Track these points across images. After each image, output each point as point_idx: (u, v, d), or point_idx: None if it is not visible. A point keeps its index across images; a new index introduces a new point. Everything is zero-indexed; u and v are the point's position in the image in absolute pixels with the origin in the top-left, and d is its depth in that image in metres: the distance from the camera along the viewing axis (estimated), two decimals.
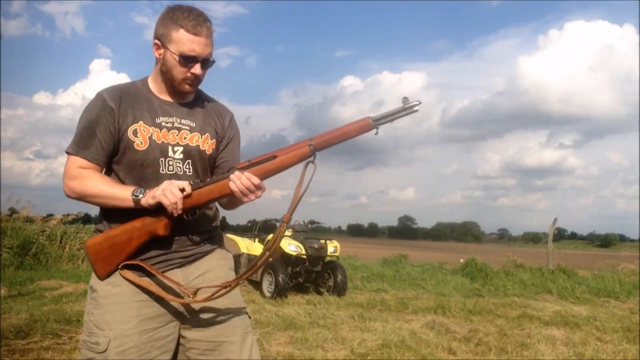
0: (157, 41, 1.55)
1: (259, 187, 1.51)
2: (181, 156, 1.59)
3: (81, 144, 1.55)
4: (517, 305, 6.79)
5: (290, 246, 7.09)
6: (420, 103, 1.49)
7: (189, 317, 1.59)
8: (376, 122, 1.53)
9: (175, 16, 1.52)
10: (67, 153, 1.57)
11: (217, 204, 1.71)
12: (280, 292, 6.63)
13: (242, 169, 1.51)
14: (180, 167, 1.59)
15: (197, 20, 1.52)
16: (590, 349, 4.48)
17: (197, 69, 1.54)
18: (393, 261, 12.40)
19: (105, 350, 1.47)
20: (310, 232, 7.93)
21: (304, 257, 7.11)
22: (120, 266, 1.54)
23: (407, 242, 61.20)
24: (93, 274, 1.60)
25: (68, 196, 1.55)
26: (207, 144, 1.63)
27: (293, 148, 1.53)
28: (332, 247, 7.42)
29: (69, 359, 3.64)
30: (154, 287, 1.55)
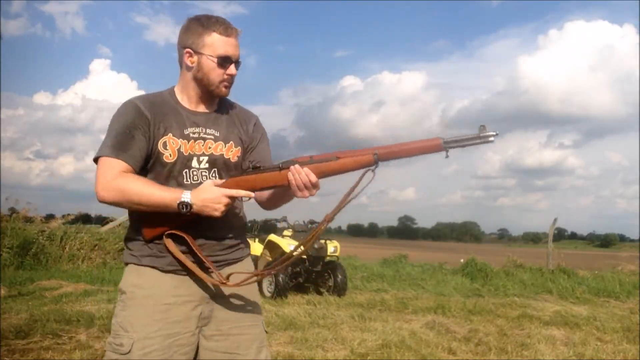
0: (188, 50, 1.58)
1: (315, 185, 1.51)
2: (206, 166, 1.61)
3: (119, 147, 1.51)
4: (517, 305, 6.78)
5: (291, 246, 7.08)
6: (497, 134, 1.44)
7: (209, 325, 1.60)
8: (447, 145, 1.47)
9: (205, 23, 1.57)
10: (102, 156, 1.51)
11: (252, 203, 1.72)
12: (280, 292, 6.63)
13: (303, 164, 1.51)
14: (206, 176, 1.60)
15: (227, 24, 1.58)
16: (590, 349, 4.48)
17: (232, 69, 1.58)
18: (393, 261, 12.38)
19: (129, 352, 1.47)
20: (310, 232, 7.91)
21: (304, 257, 7.10)
22: (165, 234, 1.55)
23: (407, 242, 61.16)
24: (123, 277, 1.61)
25: (103, 201, 1.49)
26: (231, 152, 1.64)
27: (357, 153, 1.52)
28: (332, 247, 7.41)
29: (69, 359, 3.64)
30: (189, 263, 1.55)
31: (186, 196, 1.46)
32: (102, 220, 11.86)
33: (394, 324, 5.22)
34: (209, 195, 1.47)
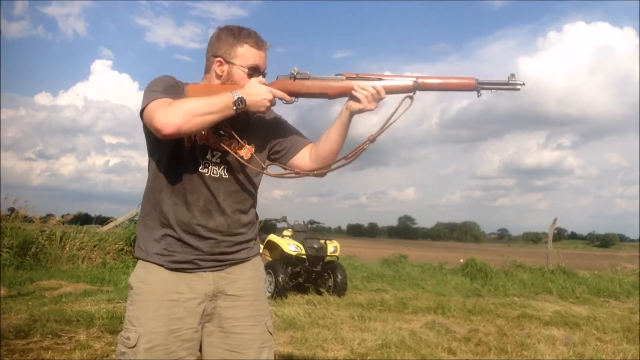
0: (219, 59, 1.63)
1: (380, 94, 1.59)
2: (218, 161, 1.64)
3: (167, 94, 1.52)
4: (517, 305, 6.79)
5: (290, 246, 7.09)
6: (524, 84, 1.58)
7: (212, 322, 1.63)
8: (479, 85, 1.61)
9: (237, 35, 1.63)
10: (152, 101, 1.47)
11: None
12: (280, 292, 6.63)
13: (350, 79, 1.61)
14: (216, 170, 1.63)
15: (257, 37, 1.65)
16: (590, 349, 4.48)
17: (260, 79, 1.63)
18: (393, 261, 12.38)
19: (135, 346, 1.52)
20: (310, 232, 7.92)
21: (304, 257, 7.10)
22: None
23: (407, 242, 61.10)
24: (133, 272, 1.65)
25: (167, 129, 1.42)
26: (244, 150, 1.67)
27: (399, 78, 1.62)
28: (332, 247, 7.41)
29: (69, 359, 3.63)
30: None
31: (237, 93, 1.51)
32: (102, 220, 11.85)
33: (393, 324, 5.23)
34: (257, 91, 1.54)
